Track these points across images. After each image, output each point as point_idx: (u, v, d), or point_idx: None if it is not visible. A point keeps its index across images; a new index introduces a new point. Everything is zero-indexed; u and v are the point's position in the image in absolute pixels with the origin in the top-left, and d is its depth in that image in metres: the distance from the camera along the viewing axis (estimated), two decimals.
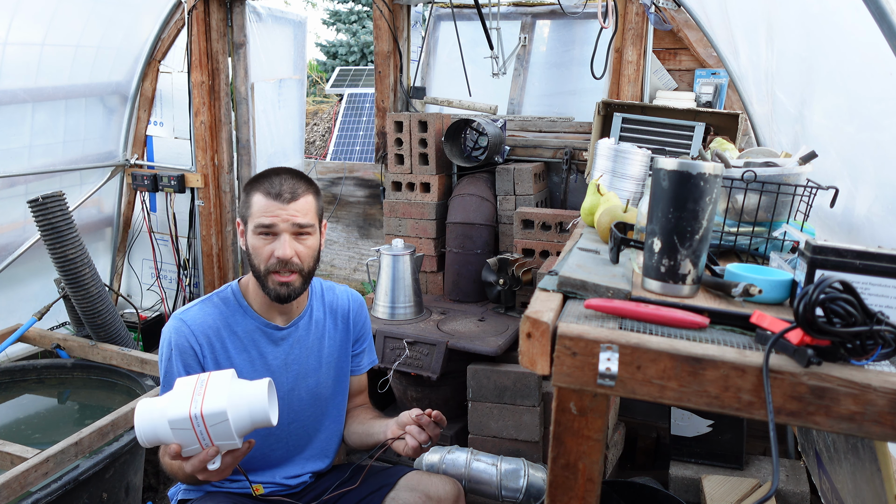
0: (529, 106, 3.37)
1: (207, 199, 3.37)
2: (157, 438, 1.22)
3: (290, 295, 1.50)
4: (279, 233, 1.45)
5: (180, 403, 1.21)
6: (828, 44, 1.52)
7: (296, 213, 1.46)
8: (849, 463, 1.32)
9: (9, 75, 2.75)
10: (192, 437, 1.20)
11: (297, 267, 1.48)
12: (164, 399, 1.23)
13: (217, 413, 1.20)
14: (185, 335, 1.49)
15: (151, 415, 1.21)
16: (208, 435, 1.20)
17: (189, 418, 1.19)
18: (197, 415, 1.19)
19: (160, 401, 1.23)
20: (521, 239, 2.69)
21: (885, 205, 1.32)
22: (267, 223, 1.45)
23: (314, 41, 12.77)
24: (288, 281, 1.48)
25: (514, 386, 2.26)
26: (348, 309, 1.71)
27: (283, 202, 1.45)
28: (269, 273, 1.47)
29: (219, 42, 3.25)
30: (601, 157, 1.81)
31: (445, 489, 1.61)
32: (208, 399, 1.21)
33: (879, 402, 0.77)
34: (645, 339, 0.86)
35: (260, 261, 1.47)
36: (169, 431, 1.20)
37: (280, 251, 1.45)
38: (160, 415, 1.21)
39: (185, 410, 1.19)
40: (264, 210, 1.45)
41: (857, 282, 0.87)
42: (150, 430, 1.21)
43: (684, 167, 0.98)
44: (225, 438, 1.22)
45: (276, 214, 1.44)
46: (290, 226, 1.45)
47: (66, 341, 2.61)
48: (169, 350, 1.49)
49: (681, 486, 2.20)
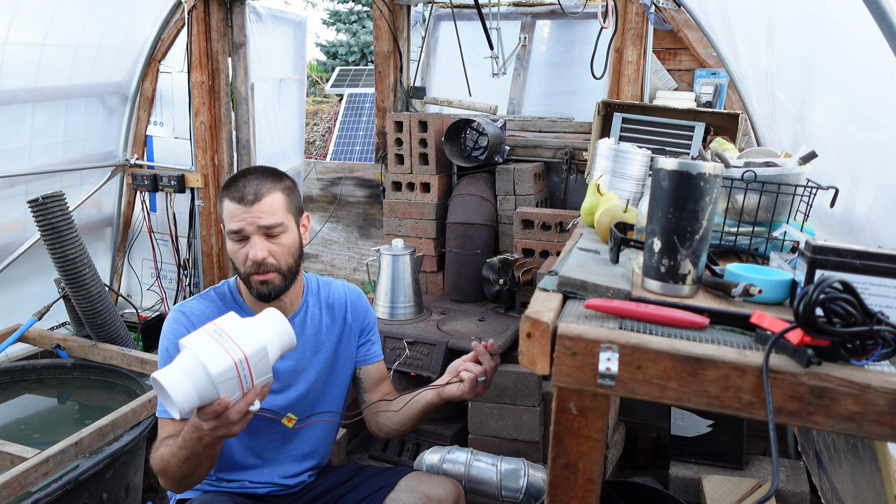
0: (529, 106, 3.37)
1: (207, 199, 3.37)
2: (199, 401, 1.16)
3: (272, 293, 1.49)
4: (248, 235, 1.46)
5: (217, 356, 1.16)
6: (828, 44, 1.52)
7: (260, 214, 1.45)
8: (849, 463, 1.32)
9: (9, 75, 2.75)
10: (236, 384, 1.18)
11: (273, 266, 1.47)
12: (188, 361, 1.17)
13: (259, 350, 1.20)
14: (185, 325, 1.50)
15: (191, 379, 1.15)
16: (251, 376, 1.19)
17: (234, 366, 1.16)
18: (242, 359, 1.17)
19: (185, 365, 1.16)
20: (521, 239, 2.69)
21: (885, 205, 1.32)
22: (235, 228, 1.45)
23: (314, 41, 12.78)
24: (267, 279, 1.48)
25: (514, 386, 2.26)
26: (345, 301, 1.70)
27: (246, 205, 1.44)
28: (248, 275, 1.48)
29: (219, 42, 3.25)
30: (601, 157, 1.81)
31: (445, 490, 1.61)
32: (242, 341, 1.19)
33: (879, 402, 0.77)
34: (645, 339, 0.86)
35: (239, 264, 1.49)
36: (214, 388, 1.16)
37: (252, 253, 1.45)
38: (201, 375, 1.15)
39: (229, 359, 1.16)
40: (231, 215, 1.46)
41: (857, 282, 0.87)
42: (193, 394, 1.15)
43: (684, 167, 0.98)
44: (263, 374, 1.22)
45: (242, 218, 1.44)
46: (256, 228, 1.45)
47: (66, 341, 2.61)
48: (169, 342, 1.50)
49: (681, 486, 2.20)
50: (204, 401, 1.17)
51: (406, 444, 2.56)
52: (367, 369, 1.72)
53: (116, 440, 2.02)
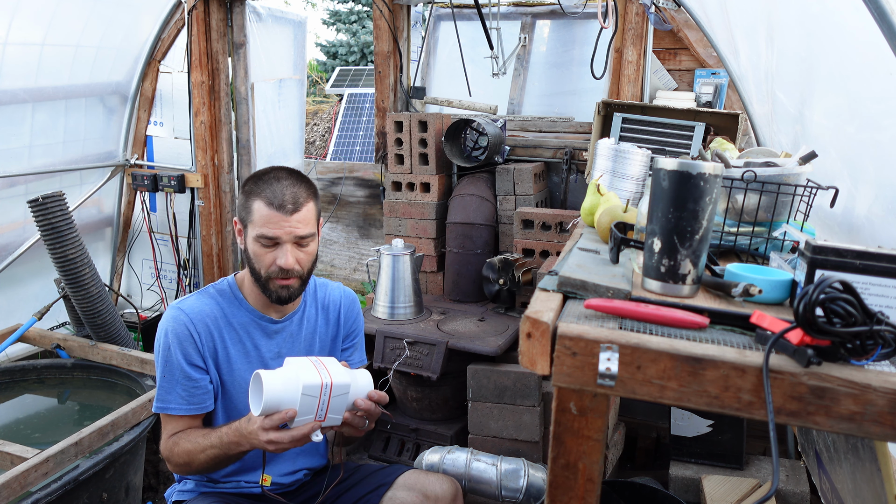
0: (529, 106, 3.37)
1: (207, 199, 3.37)
2: (278, 404, 1.28)
3: (291, 297, 1.52)
4: (282, 243, 1.46)
5: (311, 374, 1.30)
6: (828, 44, 1.52)
7: (298, 224, 1.46)
8: (849, 463, 1.32)
9: (9, 75, 2.75)
10: (313, 406, 1.30)
11: (297, 273, 1.49)
12: (287, 373, 1.30)
13: (344, 385, 1.33)
14: (183, 323, 1.50)
15: (284, 386, 1.28)
16: (326, 407, 1.31)
17: (320, 386, 1.29)
18: (328, 385, 1.30)
19: (284, 374, 1.30)
20: (521, 239, 2.69)
21: (885, 205, 1.32)
22: (270, 235, 1.44)
23: (314, 41, 12.78)
24: (288, 284, 1.50)
25: (514, 386, 2.26)
26: (339, 304, 1.72)
27: (286, 213, 1.44)
28: (269, 279, 1.49)
29: (219, 42, 3.24)
30: (601, 157, 1.81)
31: (443, 488, 1.61)
32: (334, 373, 1.32)
33: (879, 402, 0.77)
34: (645, 339, 0.86)
35: (261, 266, 1.48)
36: (297, 398, 1.28)
37: (282, 260, 1.45)
38: (294, 380, 1.28)
39: (318, 379, 1.29)
40: (267, 221, 1.44)
41: (857, 282, 0.87)
42: (281, 394, 1.28)
43: (684, 167, 0.98)
44: (337, 412, 1.34)
45: (280, 227, 1.44)
46: (292, 237, 1.46)
47: (66, 341, 2.61)
48: (167, 339, 1.49)
49: (681, 486, 2.20)
50: (281, 406, 1.29)
51: (406, 444, 2.56)
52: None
53: (116, 440, 2.02)
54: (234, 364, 1.55)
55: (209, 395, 1.53)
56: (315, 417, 1.31)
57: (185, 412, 1.49)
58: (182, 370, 1.48)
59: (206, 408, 1.52)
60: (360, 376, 1.40)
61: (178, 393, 1.49)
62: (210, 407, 1.53)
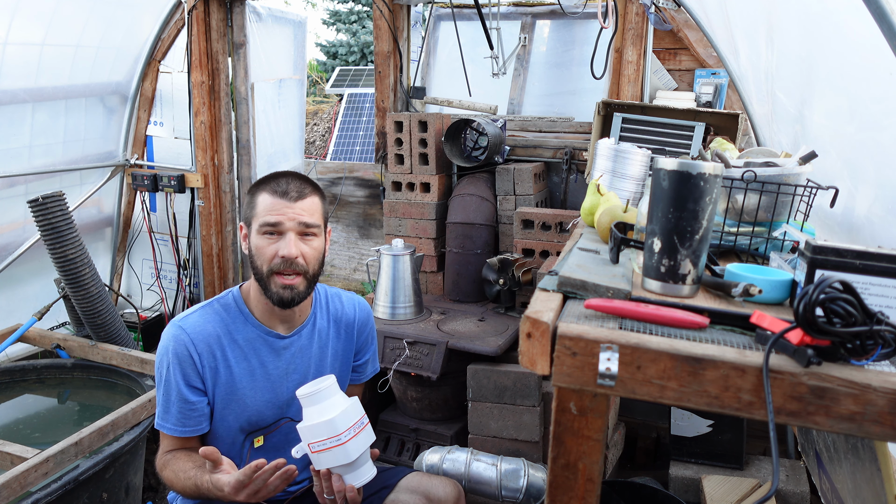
0: (529, 106, 3.37)
1: (207, 199, 3.37)
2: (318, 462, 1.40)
3: (294, 299, 1.46)
4: (285, 231, 1.43)
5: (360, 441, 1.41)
6: (828, 44, 1.52)
7: (302, 211, 1.43)
8: (849, 463, 1.32)
9: (9, 75, 2.75)
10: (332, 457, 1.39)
11: (301, 268, 1.44)
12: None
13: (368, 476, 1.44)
14: (184, 343, 1.46)
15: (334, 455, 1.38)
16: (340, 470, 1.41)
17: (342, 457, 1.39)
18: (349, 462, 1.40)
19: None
20: (521, 239, 2.69)
21: (885, 205, 1.32)
22: (273, 221, 1.42)
23: (314, 41, 12.78)
24: (292, 283, 1.44)
25: (514, 386, 2.26)
26: (354, 319, 1.67)
27: (289, 200, 1.43)
28: (272, 274, 1.43)
29: (219, 42, 3.24)
30: (601, 157, 1.81)
31: (446, 491, 1.61)
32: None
33: (879, 402, 0.77)
34: (645, 339, 0.86)
35: (263, 261, 1.43)
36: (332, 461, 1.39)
37: (285, 250, 1.41)
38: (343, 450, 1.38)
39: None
40: (270, 208, 1.42)
41: (857, 282, 0.87)
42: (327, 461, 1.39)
43: (684, 167, 0.98)
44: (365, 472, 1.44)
45: (283, 213, 1.42)
46: (296, 224, 1.43)
47: (66, 341, 2.61)
48: (167, 359, 1.47)
49: (681, 486, 2.20)
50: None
51: (406, 444, 2.56)
52: (351, 389, 1.73)
53: (116, 440, 2.02)
54: (238, 383, 1.51)
55: (205, 418, 1.50)
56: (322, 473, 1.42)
57: (181, 434, 1.48)
58: (179, 392, 1.46)
59: (202, 430, 1.50)
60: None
61: (174, 414, 1.47)
62: (206, 429, 1.51)
